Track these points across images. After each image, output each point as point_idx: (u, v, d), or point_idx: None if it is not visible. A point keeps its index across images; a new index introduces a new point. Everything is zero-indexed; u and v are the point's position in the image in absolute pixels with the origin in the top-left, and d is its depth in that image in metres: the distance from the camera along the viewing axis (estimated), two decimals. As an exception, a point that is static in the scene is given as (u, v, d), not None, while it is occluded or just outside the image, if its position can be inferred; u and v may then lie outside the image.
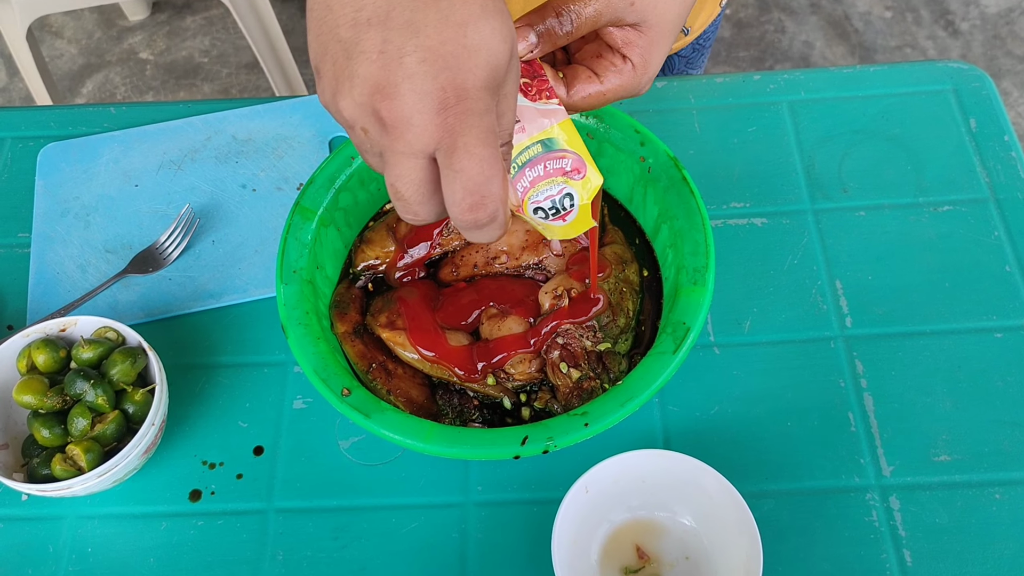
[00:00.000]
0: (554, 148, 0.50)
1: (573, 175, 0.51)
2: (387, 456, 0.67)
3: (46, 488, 0.59)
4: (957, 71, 0.84)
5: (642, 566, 0.61)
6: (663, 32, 0.52)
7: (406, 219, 0.45)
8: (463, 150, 0.41)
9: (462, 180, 0.41)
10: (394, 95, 0.40)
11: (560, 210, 0.51)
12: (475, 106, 0.41)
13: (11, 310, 0.75)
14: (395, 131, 0.41)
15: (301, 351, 0.61)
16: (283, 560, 0.63)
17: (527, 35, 0.49)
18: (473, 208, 0.42)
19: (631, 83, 0.53)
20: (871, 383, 0.68)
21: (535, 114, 0.50)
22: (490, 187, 0.42)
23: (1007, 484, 0.64)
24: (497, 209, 0.43)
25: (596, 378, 0.62)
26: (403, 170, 0.42)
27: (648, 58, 0.52)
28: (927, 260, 0.74)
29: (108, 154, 0.83)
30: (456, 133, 0.41)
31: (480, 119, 0.41)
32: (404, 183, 0.43)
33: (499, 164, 0.42)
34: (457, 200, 0.42)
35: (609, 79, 0.52)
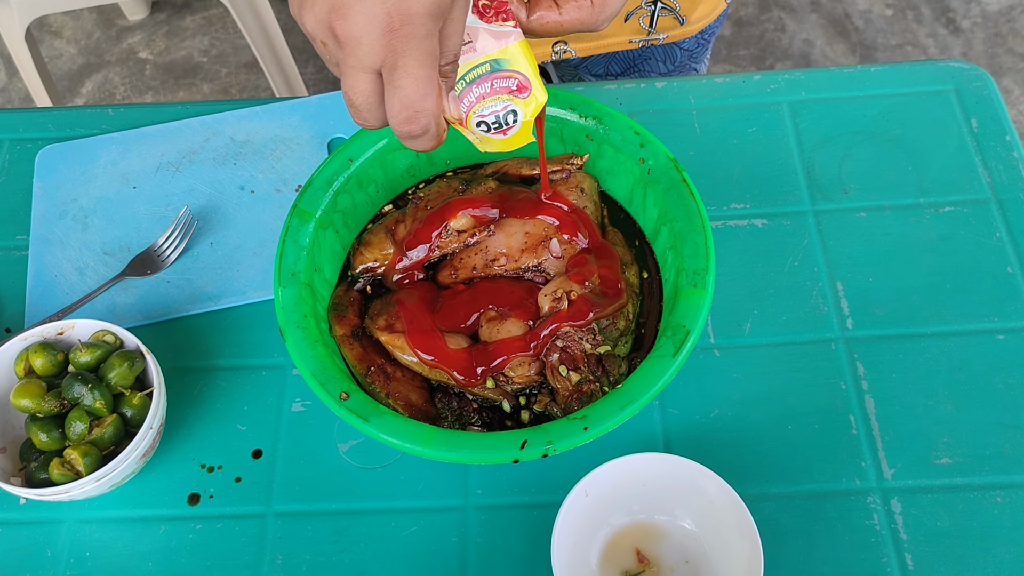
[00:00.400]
0: (502, 68, 0.55)
1: (519, 93, 0.55)
2: (386, 459, 0.67)
3: (44, 492, 0.59)
4: (958, 71, 0.84)
5: (642, 570, 0.61)
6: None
7: (357, 123, 0.51)
8: (402, 70, 0.47)
9: (399, 96, 0.47)
10: (347, 15, 0.46)
11: (503, 125, 0.56)
12: (417, 30, 0.46)
13: (9, 313, 0.75)
14: (347, 47, 0.47)
15: (299, 355, 0.60)
16: (282, 564, 0.63)
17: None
18: (408, 121, 0.48)
19: (589, 18, 0.58)
20: (872, 385, 0.68)
21: (488, 35, 0.54)
22: (424, 103, 0.48)
23: (1008, 487, 0.64)
24: (429, 123, 0.49)
25: (596, 381, 0.62)
26: (354, 81, 0.48)
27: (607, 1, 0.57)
28: (928, 261, 0.74)
29: (106, 156, 0.83)
30: (398, 54, 0.46)
31: (421, 42, 0.46)
32: (354, 93, 0.48)
33: (434, 84, 0.48)
34: (395, 112, 0.48)
35: (568, 11, 0.57)
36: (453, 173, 0.75)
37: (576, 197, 0.70)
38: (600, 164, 0.71)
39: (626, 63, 0.97)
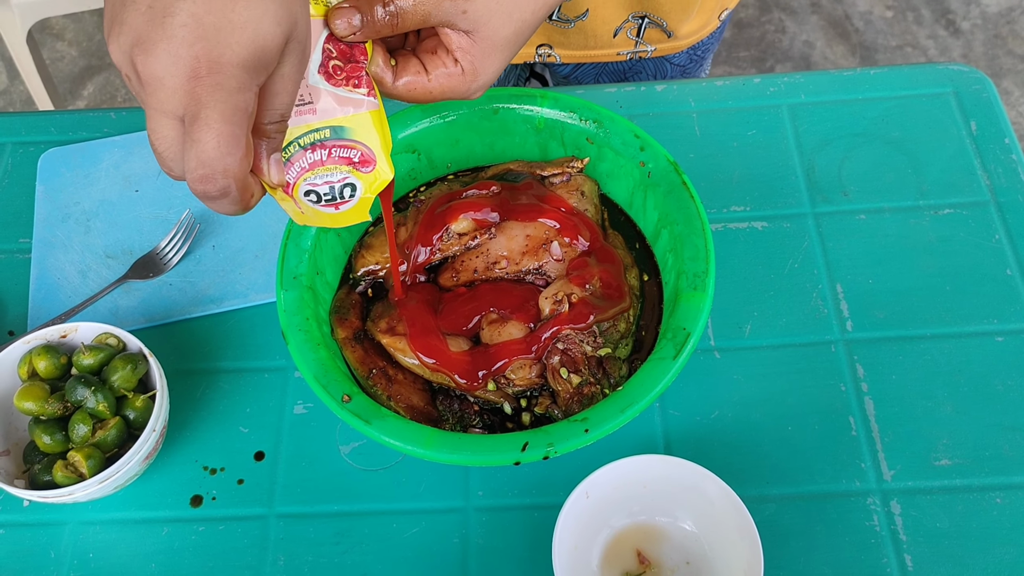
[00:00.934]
0: (344, 136, 0.50)
1: (361, 166, 0.51)
2: (388, 461, 0.67)
3: (47, 495, 0.59)
4: (958, 74, 0.84)
5: (643, 571, 0.61)
6: (496, 45, 0.53)
7: (165, 171, 0.46)
8: (203, 122, 0.42)
9: (197, 151, 0.42)
10: (150, 52, 0.41)
11: (336, 197, 0.52)
12: (227, 82, 0.42)
13: (12, 315, 0.75)
14: (148, 87, 0.42)
15: (301, 357, 0.61)
16: (284, 565, 0.63)
17: (351, 17, 0.49)
18: (203, 180, 0.43)
19: (459, 86, 0.54)
20: (872, 387, 0.68)
21: (332, 99, 0.50)
22: (222, 163, 0.43)
23: (1008, 488, 0.64)
24: (229, 185, 0.44)
25: (596, 383, 0.62)
26: (156, 125, 0.43)
27: (478, 67, 0.53)
28: (928, 263, 0.74)
29: (108, 159, 0.83)
30: (201, 104, 0.42)
31: (229, 96, 0.42)
32: (156, 137, 0.44)
33: (239, 143, 0.43)
34: (191, 168, 0.43)
35: (437, 77, 0.53)
36: (454, 176, 0.75)
37: (576, 200, 0.70)
38: (601, 167, 0.72)
39: (616, 76, 0.97)
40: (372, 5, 0.49)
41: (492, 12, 0.52)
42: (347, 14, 0.49)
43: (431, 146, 0.73)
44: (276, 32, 0.43)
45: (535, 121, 0.71)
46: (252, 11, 0.42)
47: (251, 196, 0.47)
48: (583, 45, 0.92)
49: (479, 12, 0.51)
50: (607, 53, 0.92)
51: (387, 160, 0.52)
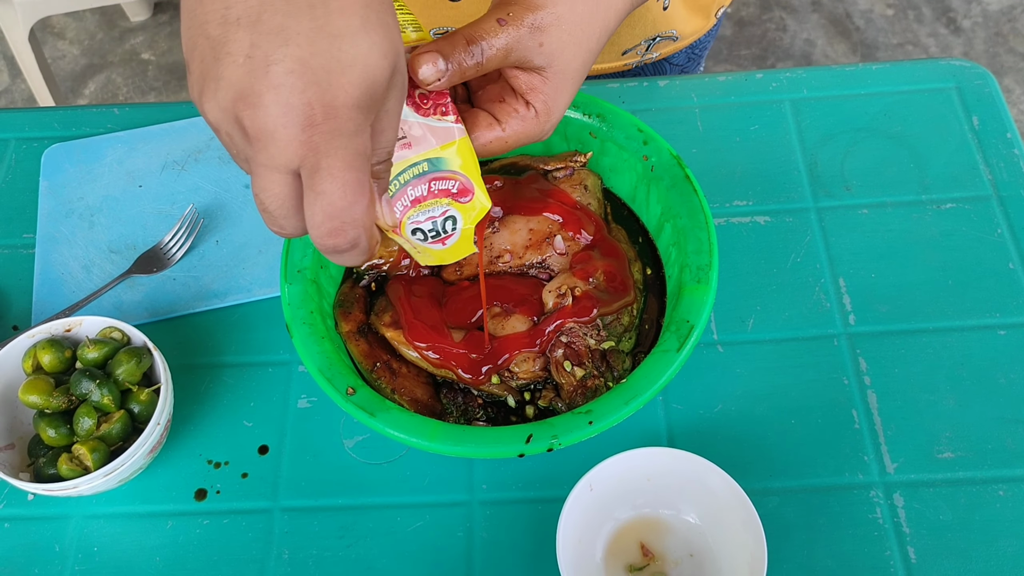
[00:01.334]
0: (441, 168, 0.48)
1: (459, 197, 0.48)
2: (392, 455, 0.67)
3: (52, 488, 0.60)
4: (960, 69, 0.84)
5: (647, 564, 0.61)
6: (567, 79, 0.51)
7: (272, 230, 0.43)
8: (326, 172, 0.39)
9: (322, 204, 0.40)
10: (258, 105, 0.38)
11: (440, 233, 0.49)
12: (344, 126, 0.39)
13: (16, 310, 0.75)
14: (258, 143, 0.39)
15: (306, 350, 0.61)
16: (289, 559, 0.64)
17: (436, 61, 0.46)
18: (332, 233, 0.41)
19: (534, 130, 0.51)
20: (874, 380, 0.69)
21: (426, 131, 0.48)
22: (352, 213, 0.40)
23: (1011, 481, 0.64)
24: (359, 236, 0.41)
25: (600, 376, 0.63)
26: (266, 183, 0.40)
27: (551, 105, 0.51)
28: (930, 257, 0.74)
29: (112, 155, 0.83)
30: (321, 153, 0.39)
31: (348, 140, 0.39)
32: (267, 196, 0.41)
33: (365, 189, 0.40)
34: (316, 223, 0.40)
35: (511, 125, 0.51)
36: (457, 171, 0.75)
37: (580, 194, 0.70)
38: (604, 161, 0.72)
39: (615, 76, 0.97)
40: (454, 47, 0.47)
41: (565, 44, 0.49)
42: (431, 59, 0.46)
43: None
44: (384, 66, 0.40)
45: None
46: (359, 47, 0.39)
47: (376, 243, 0.44)
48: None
49: (553, 45, 0.49)
50: (613, 66, 0.93)
51: (483, 188, 0.50)
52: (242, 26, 0.38)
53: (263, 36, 0.37)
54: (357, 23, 0.38)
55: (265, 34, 0.37)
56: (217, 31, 0.38)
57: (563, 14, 0.49)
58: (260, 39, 0.37)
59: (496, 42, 0.47)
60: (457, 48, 0.47)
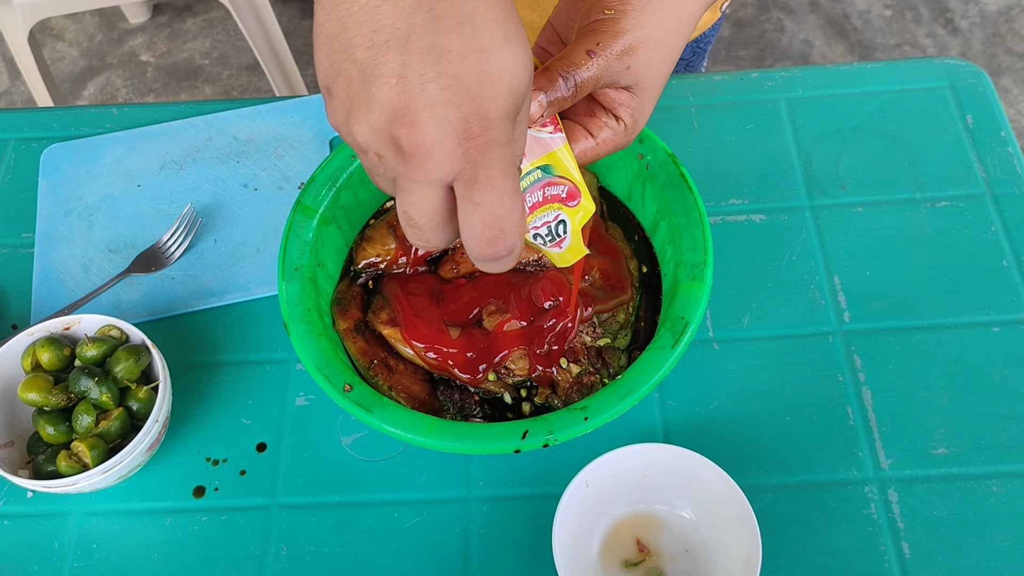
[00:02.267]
0: (552, 174, 0.50)
1: (568, 201, 0.51)
2: (389, 452, 0.68)
3: (51, 484, 0.60)
4: (954, 68, 0.85)
5: (642, 559, 0.62)
6: (653, 93, 0.53)
7: (416, 245, 0.44)
8: (484, 183, 0.40)
9: (482, 213, 0.41)
10: (415, 123, 0.39)
11: (555, 236, 0.51)
12: (498, 137, 0.40)
13: (15, 309, 0.76)
14: (414, 160, 0.40)
15: (303, 347, 0.61)
16: (287, 555, 0.64)
17: (539, 99, 0.48)
18: (492, 242, 0.42)
19: (622, 140, 0.54)
20: (869, 377, 0.69)
21: (533, 141, 0.50)
22: (510, 220, 0.41)
23: (1004, 476, 0.65)
24: (516, 242, 0.43)
25: (596, 373, 0.63)
26: (418, 198, 0.41)
27: (638, 118, 0.53)
28: (924, 255, 0.75)
29: (110, 155, 0.84)
30: (478, 165, 0.40)
31: (502, 151, 0.40)
32: (418, 211, 0.42)
33: (519, 197, 0.42)
34: (476, 233, 0.42)
35: (602, 137, 0.53)
36: (454, 170, 0.76)
37: (576, 193, 0.70)
38: (599, 160, 0.72)
39: None
40: (552, 82, 0.49)
41: (651, 63, 0.51)
42: (535, 96, 0.48)
43: (431, 140, 0.73)
44: (526, 77, 0.41)
45: None
46: (505, 60, 0.40)
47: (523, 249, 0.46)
48: None
49: (640, 65, 0.51)
50: None
51: (587, 192, 0.52)
52: (391, 48, 0.38)
53: (414, 56, 0.38)
54: (500, 37, 0.39)
55: (416, 54, 0.38)
56: (365, 55, 0.39)
57: (649, 35, 0.51)
58: (411, 59, 0.38)
59: (587, 73, 0.49)
60: (554, 83, 0.49)
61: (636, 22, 0.50)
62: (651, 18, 0.51)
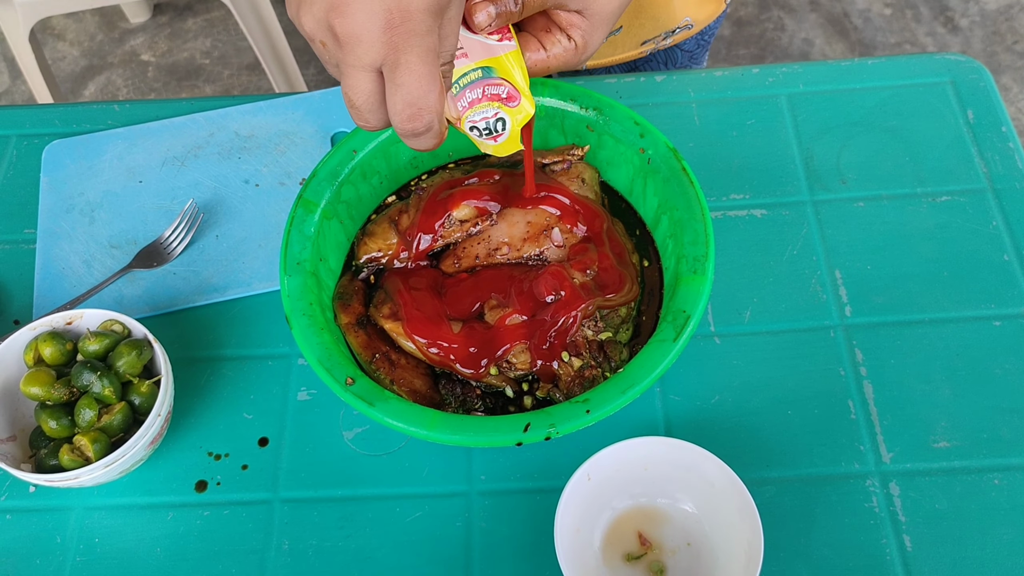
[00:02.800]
0: (492, 75, 0.56)
1: (508, 102, 0.56)
2: (391, 446, 0.68)
3: (54, 478, 0.60)
4: (955, 63, 0.85)
5: (644, 553, 0.62)
6: (603, 19, 0.57)
7: (358, 124, 0.51)
8: (404, 66, 0.47)
9: (402, 94, 0.47)
10: (346, 12, 0.46)
11: (492, 131, 0.57)
12: (418, 27, 0.46)
13: (17, 305, 0.76)
14: (347, 46, 0.47)
15: (305, 341, 0.61)
16: (289, 549, 0.64)
17: (488, 8, 0.53)
18: (411, 118, 0.48)
19: (572, 58, 0.58)
20: (871, 371, 0.69)
21: (479, 45, 0.55)
22: (427, 100, 0.48)
23: (1006, 470, 0.65)
24: (432, 120, 0.49)
25: (597, 367, 0.63)
26: (354, 81, 0.48)
27: (588, 40, 0.58)
28: (926, 250, 0.75)
29: (112, 151, 0.84)
30: (399, 51, 0.46)
31: (422, 39, 0.46)
32: (355, 93, 0.48)
33: (437, 80, 0.48)
34: (398, 111, 0.48)
35: (555, 54, 0.58)
36: (455, 164, 0.76)
37: (577, 187, 0.70)
38: (601, 155, 0.72)
39: (626, 66, 0.98)
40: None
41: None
42: (484, 7, 0.53)
43: (432, 135, 0.73)
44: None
45: (536, 109, 0.72)
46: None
47: (445, 129, 0.52)
48: (610, 53, 0.94)
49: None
50: (630, 55, 0.94)
51: (529, 96, 0.57)
52: None
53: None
54: None
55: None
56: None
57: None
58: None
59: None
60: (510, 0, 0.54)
61: None
62: None
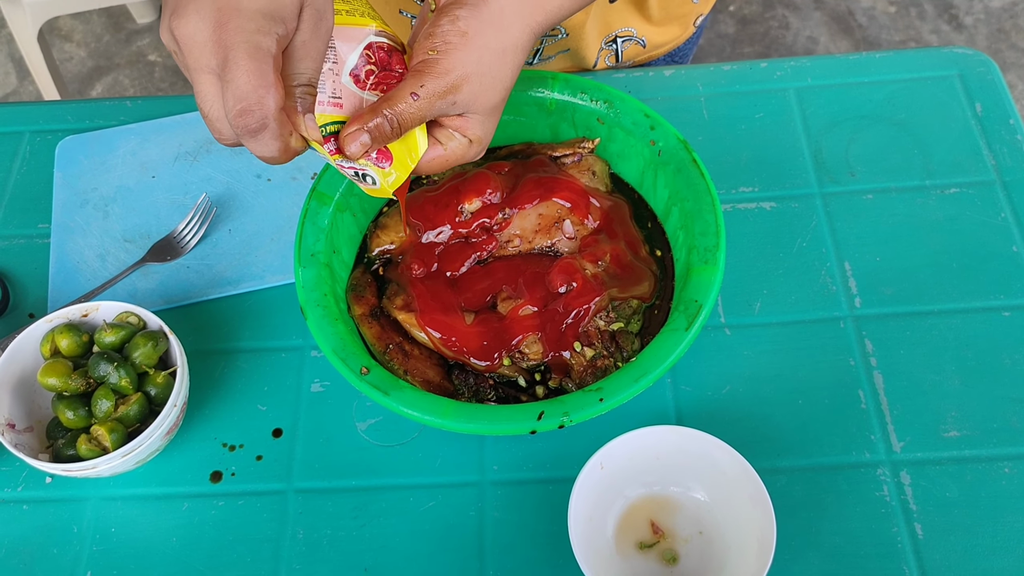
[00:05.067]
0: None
1: (378, 162, 0.55)
2: (404, 437, 0.68)
3: (71, 468, 0.60)
4: (962, 56, 0.85)
5: (657, 541, 0.62)
6: (487, 116, 0.58)
7: (216, 139, 0.50)
8: (233, 63, 0.46)
9: (232, 88, 0.47)
10: (182, 16, 0.47)
11: (363, 181, 0.56)
12: (247, 25, 0.46)
13: (32, 299, 0.76)
14: (186, 48, 0.47)
15: (320, 332, 0.62)
16: (303, 538, 0.64)
17: (361, 137, 0.53)
18: (242, 113, 0.47)
19: (468, 152, 0.59)
20: (880, 362, 0.69)
21: (359, 103, 0.55)
22: (256, 94, 0.47)
23: (1016, 458, 0.65)
24: (265, 119, 0.47)
25: (609, 357, 0.63)
26: (200, 87, 0.48)
27: (480, 134, 0.58)
28: (935, 241, 0.75)
29: (125, 146, 0.84)
30: (228, 47, 0.46)
31: (251, 36, 0.46)
32: (202, 99, 0.48)
33: (267, 78, 0.47)
34: (229, 107, 0.47)
35: (452, 149, 0.58)
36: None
37: (588, 180, 0.71)
38: (611, 147, 0.73)
39: None
40: (376, 116, 0.53)
41: (477, 94, 0.56)
42: (356, 136, 0.53)
43: (444, 128, 0.74)
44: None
45: (546, 103, 0.72)
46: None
47: (289, 135, 0.50)
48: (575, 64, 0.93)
49: (466, 99, 0.56)
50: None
51: (405, 165, 0.56)
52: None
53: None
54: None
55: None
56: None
57: (472, 71, 0.55)
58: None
59: (409, 112, 0.54)
60: (377, 118, 0.53)
61: (458, 60, 0.55)
62: (472, 55, 0.55)
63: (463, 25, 0.55)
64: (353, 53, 0.55)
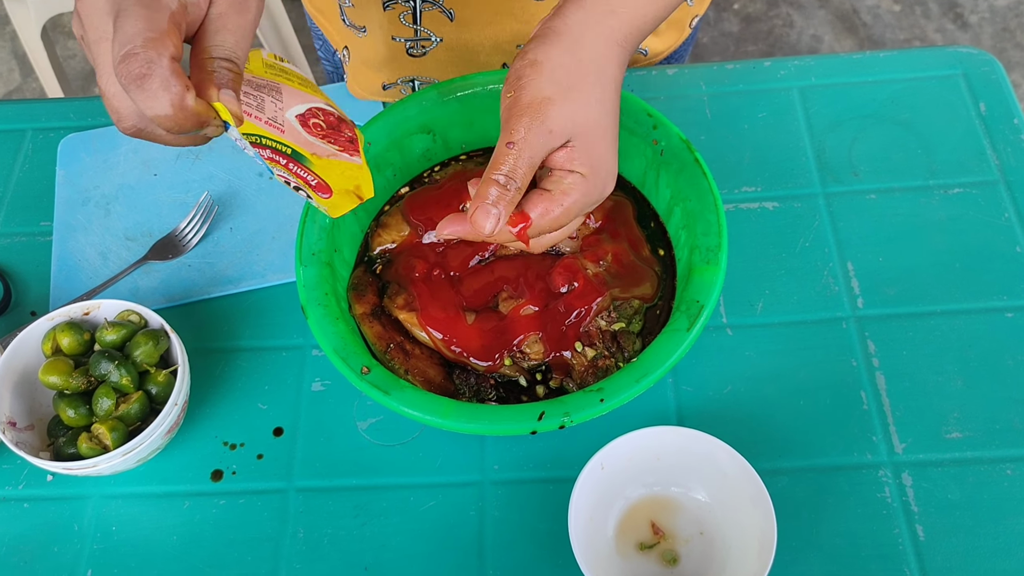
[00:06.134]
0: (303, 163, 0.53)
1: (317, 191, 0.53)
2: (405, 436, 0.68)
3: (72, 466, 0.61)
4: (967, 56, 0.85)
5: (657, 541, 0.62)
6: (596, 134, 0.54)
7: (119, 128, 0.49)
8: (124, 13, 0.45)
9: (119, 35, 0.45)
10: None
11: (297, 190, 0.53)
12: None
13: (34, 297, 0.76)
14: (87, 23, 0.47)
15: (321, 331, 0.62)
16: (304, 537, 0.64)
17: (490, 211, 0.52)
18: (125, 58, 0.44)
19: (590, 190, 0.54)
20: (883, 362, 0.69)
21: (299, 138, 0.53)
22: (142, 36, 0.44)
23: (1018, 460, 0.65)
24: (151, 61, 0.44)
25: (611, 357, 0.63)
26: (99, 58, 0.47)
27: (594, 163, 0.54)
28: (938, 242, 0.75)
29: (127, 144, 0.84)
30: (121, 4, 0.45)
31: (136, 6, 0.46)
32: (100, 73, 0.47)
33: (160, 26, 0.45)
34: (115, 53, 0.45)
35: (565, 194, 0.53)
36: (467, 156, 0.76)
37: (590, 179, 0.71)
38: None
39: None
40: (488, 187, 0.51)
41: (566, 114, 0.52)
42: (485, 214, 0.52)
43: (446, 127, 0.74)
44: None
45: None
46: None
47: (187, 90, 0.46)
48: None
49: (558, 123, 0.52)
50: None
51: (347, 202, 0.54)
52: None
53: None
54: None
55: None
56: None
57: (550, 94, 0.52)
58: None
59: (514, 161, 0.51)
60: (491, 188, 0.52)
61: (535, 88, 0.52)
62: (544, 77, 0.52)
63: (531, 56, 0.53)
64: (300, 105, 0.54)
